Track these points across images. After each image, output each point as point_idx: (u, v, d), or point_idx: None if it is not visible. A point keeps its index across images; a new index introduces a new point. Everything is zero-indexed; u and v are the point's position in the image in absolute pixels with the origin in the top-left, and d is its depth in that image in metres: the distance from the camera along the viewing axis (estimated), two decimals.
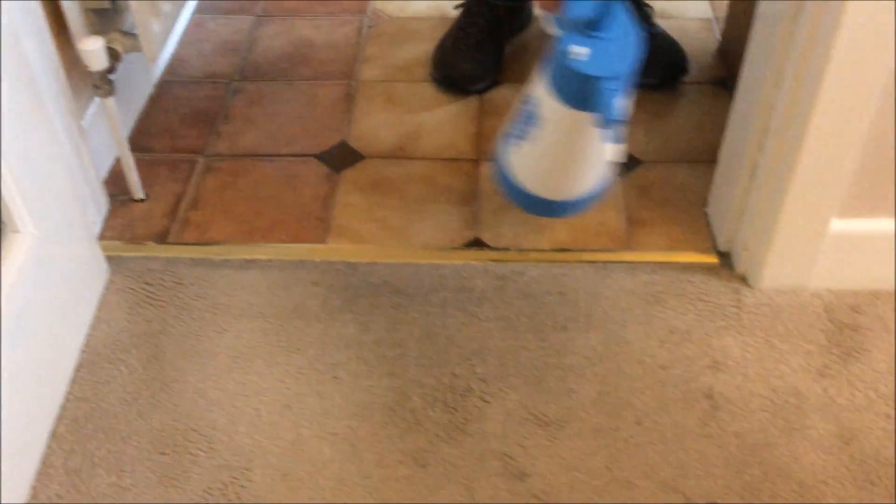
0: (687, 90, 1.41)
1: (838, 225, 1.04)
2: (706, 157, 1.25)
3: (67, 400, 1.00)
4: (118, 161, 1.29)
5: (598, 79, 0.84)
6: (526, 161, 0.99)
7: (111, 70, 1.14)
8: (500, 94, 1.41)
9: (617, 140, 0.85)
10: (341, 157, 1.32)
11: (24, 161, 0.91)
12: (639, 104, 1.39)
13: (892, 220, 1.04)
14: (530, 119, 0.95)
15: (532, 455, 0.95)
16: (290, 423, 0.98)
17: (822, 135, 0.95)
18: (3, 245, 0.91)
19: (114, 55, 1.14)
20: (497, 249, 1.17)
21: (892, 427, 0.96)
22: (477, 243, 1.18)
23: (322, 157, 1.32)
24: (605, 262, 1.15)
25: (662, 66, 1.39)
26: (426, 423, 0.98)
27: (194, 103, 1.43)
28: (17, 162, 0.90)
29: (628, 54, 0.87)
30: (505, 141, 1.02)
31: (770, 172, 1.03)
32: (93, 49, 1.08)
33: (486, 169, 1.28)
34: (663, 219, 1.20)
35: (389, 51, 1.52)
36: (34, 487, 0.92)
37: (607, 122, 0.84)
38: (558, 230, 1.19)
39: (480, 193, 1.24)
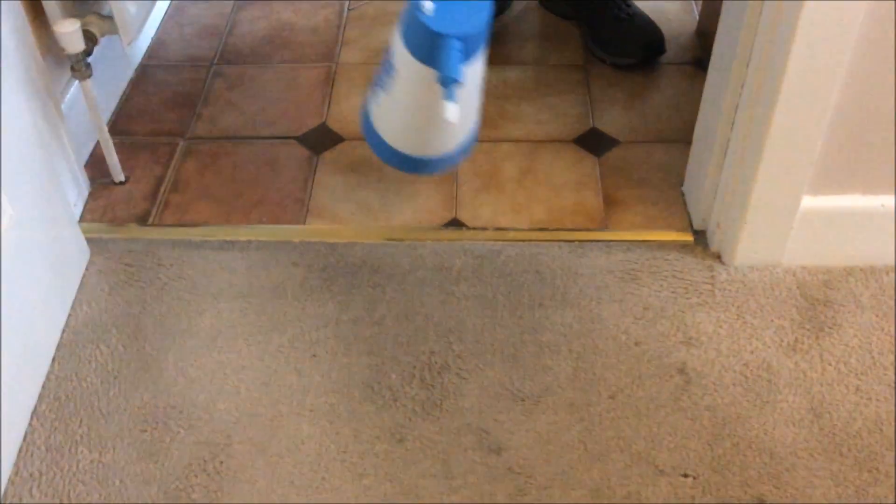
0: (665, 71, 1.43)
1: (809, 202, 1.06)
2: (683, 137, 1.27)
3: (49, 379, 1.01)
4: (99, 144, 1.29)
5: (442, 35, 0.84)
6: (384, 113, 0.99)
7: (88, 53, 1.14)
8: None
9: (456, 99, 0.84)
10: (321, 140, 1.33)
11: (3, 140, 0.92)
12: (616, 84, 1.41)
13: (862, 196, 1.05)
14: (387, 68, 0.95)
15: (508, 430, 0.96)
16: (270, 400, 0.99)
17: (790, 112, 0.96)
18: None
19: (90, 38, 1.15)
20: (475, 229, 1.18)
21: (862, 400, 0.98)
22: (455, 223, 1.19)
23: (302, 140, 1.33)
24: (581, 241, 1.16)
25: (640, 46, 1.40)
26: (403, 400, 0.99)
27: (175, 86, 1.43)
28: None
29: (478, 15, 0.87)
30: (370, 91, 1.02)
31: (741, 150, 1.04)
32: (69, 31, 1.09)
33: None
34: (640, 198, 1.21)
35: (370, 33, 1.52)
36: (17, 465, 0.93)
37: (447, 81, 0.84)
38: (536, 210, 1.20)
39: (459, 175, 1.25)
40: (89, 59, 1.15)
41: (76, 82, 1.24)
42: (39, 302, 1.02)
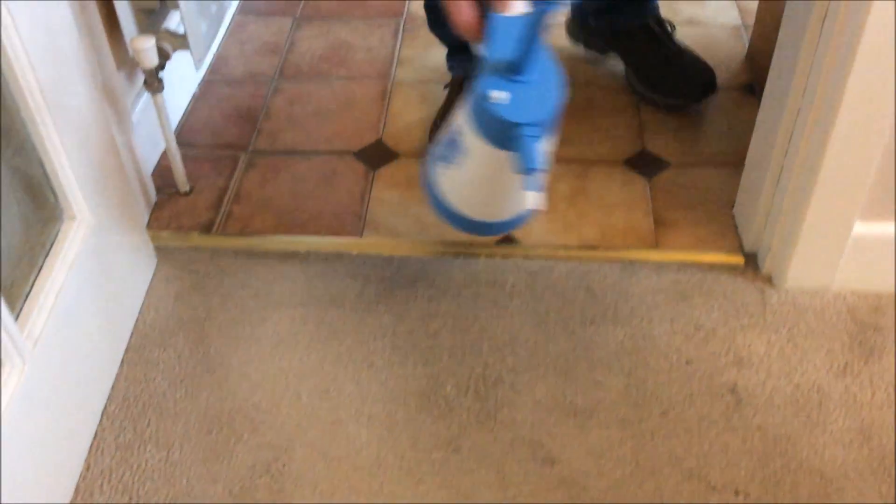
0: (717, 96, 1.45)
1: (861, 228, 1.07)
2: (733, 160, 1.29)
3: (118, 380, 1.05)
4: (164, 156, 1.34)
5: (517, 125, 0.81)
6: (450, 183, 0.97)
7: (161, 67, 1.19)
8: None
9: (537, 187, 0.80)
10: (377, 155, 1.36)
11: (80, 151, 0.97)
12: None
13: None
14: (454, 146, 0.93)
15: (561, 442, 0.98)
16: (329, 407, 1.02)
17: (846, 139, 0.98)
18: (61, 230, 0.96)
19: (163, 54, 1.20)
20: (527, 246, 1.21)
21: None
22: (508, 240, 1.22)
23: (358, 155, 1.37)
24: (631, 261, 1.18)
25: (695, 86, 1.38)
26: (458, 410, 1.02)
27: (236, 102, 1.48)
28: (74, 151, 0.95)
29: (550, 99, 0.83)
30: (431, 159, 1.00)
31: (795, 176, 1.06)
32: (145, 48, 1.14)
33: None
34: (690, 220, 1.24)
35: (423, 53, 1.56)
36: (87, 461, 0.98)
37: (527, 170, 0.80)
38: (587, 229, 1.23)
39: None
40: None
41: (143, 96, 1.29)
42: (110, 305, 1.06)
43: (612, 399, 1.02)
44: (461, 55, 1.37)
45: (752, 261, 1.17)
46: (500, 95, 0.80)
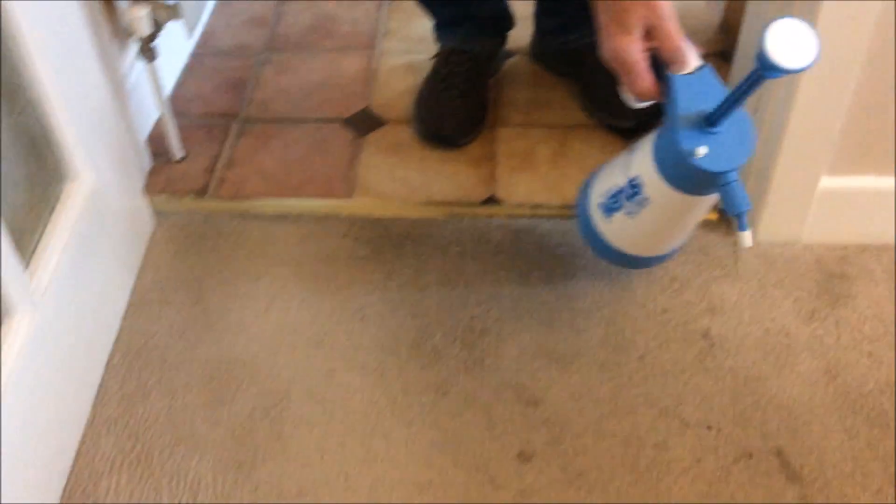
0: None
1: (828, 182, 1.13)
2: None
3: (120, 334, 1.10)
4: (157, 125, 1.38)
5: (723, 173, 0.85)
6: (624, 230, 1.00)
7: (153, 37, 1.23)
8: (511, 66, 1.50)
9: (748, 227, 0.85)
10: (365, 122, 1.41)
11: (80, 114, 1.01)
12: None
13: (877, 177, 1.12)
14: (631, 198, 0.96)
15: (543, 386, 1.04)
16: (324, 356, 1.07)
17: (810, 97, 1.03)
18: (64, 189, 1.01)
19: (156, 23, 1.23)
20: (511, 206, 1.26)
21: (874, 364, 1.05)
22: (493, 200, 1.27)
23: (347, 122, 1.41)
24: None
25: (639, 112, 1.37)
26: (447, 358, 1.07)
27: (226, 73, 1.52)
28: (75, 114, 0.99)
29: (745, 142, 0.88)
30: (595, 211, 1.02)
31: (763, 135, 1.11)
32: (140, 16, 1.17)
33: (501, 133, 1.37)
34: None
35: (408, 25, 1.60)
36: (93, 410, 1.02)
37: (740, 213, 0.84)
38: (568, 188, 1.28)
39: (496, 155, 1.33)
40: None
41: (135, 66, 1.33)
42: (112, 262, 1.10)
43: (591, 345, 1.08)
44: (449, 27, 1.41)
45: (725, 217, 1.23)
46: (703, 150, 0.84)
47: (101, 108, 1.07)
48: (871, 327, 1.09)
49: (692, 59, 0.90)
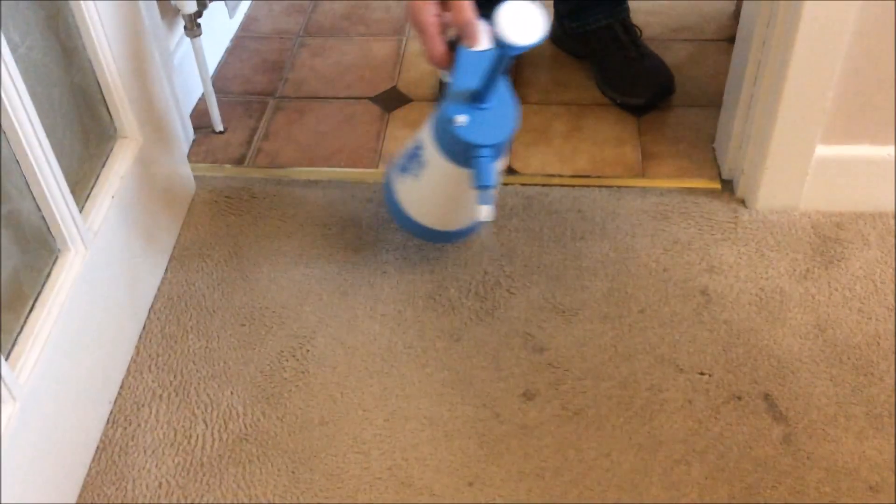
0: (703, 46, 1.57)
1: (823, 150, 1.19)
2: (717, 102, 1.41)
3: (163, 283, 1.20)
4: (200, 101, 1.49)
5: (476, 146, 0.92)
6: (410, 193, 1.08)
7: (199, 14, 1.34)
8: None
9: (489, 201, 0.93)
10: (392, 100, 1.51)
11: (130, 81, 1.11)
12: (660, 55, 1.56)
13: (871, 146, 1.19)
14: (416, 159, 1.04)
15: (549, 334, 1.12)
16: (347, 305, 1.16)
17: (803, 69, 1.10)
18: (115, 146, 1.11)
19: (201, 2, 1.34)
20: (525, 175, 1.34)
21: (863, 319, 1.11)
22: (509, 170, 1.36)
23: (375, 100, 1.51)
24: (619, 187, 1.31)
25: (649, 87, 1.43)
26: (460, 309, 1.16)
27: (265, 55, 1.62)
28: (126, 81, 1.10)
29: (506, 123, 0.95)
30: (393, 170, 1.11)
31: (761, 108, 1.18)
32: None
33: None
34: (674, 153, 1.36)
35: None
36: (137, 348, 1.12)
37: (482, 187, 0.92)
38: (580, 160, 1.36)
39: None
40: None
41: (182, 45, 1.44)
42: (156, 220, 1.21)
43: (596, 300, 1.16)
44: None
45: (728, 186, 1.30)
46: (462, 119, 0.93)
47: (149, 78, 1.18)
48: (863, 286, 1.15)
49: (483, 37, 0.95)
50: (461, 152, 0.95)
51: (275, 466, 0.99)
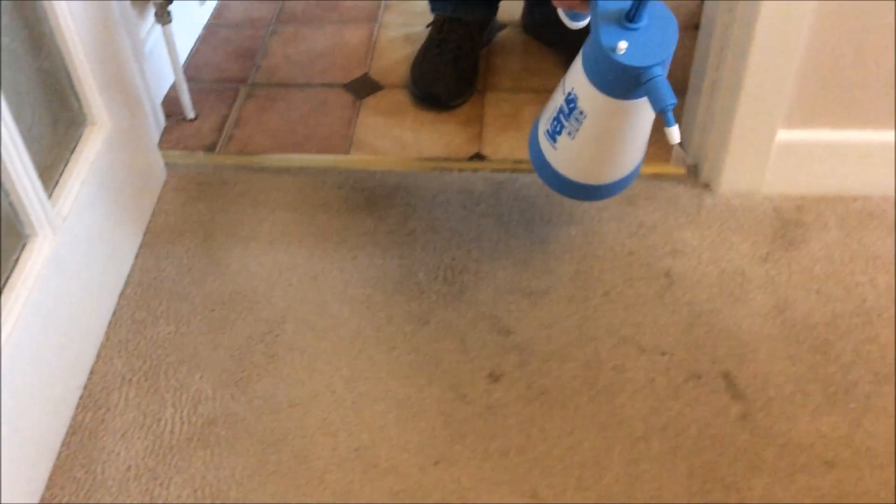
0: None
1: (785, 135, 1.22)
2: (683, 88, 1.43)
3: (133, 269, 1.21)
4: (172, 88, 1.50)
5: (647, 68, 0.84)
6: (569, 154, 1.00)
7: (169, 2, 1.34)
8: (503, 37, 1.60)
9: (674, 121, 0.85)
10: (364, 87, 1.52)
11: (100, 67, 1.12)
12: None
13: (831, 130, 1.21)
14: (570, 115, 0.95)
15: (516, 317, 1.14)
16: (317, 290, 1.18)
17: (763, 53, 1.12)
18: (84, 132, 1.12)
19: None
20: (495, 161, 1.36)
21: (821, 300, 1.13)
22: (478, 156, 1.37)
23: (347, 87, 1.52)
24: None
25: None
26: (429, 293, 1.17)
27: (237, 42, 1.63)
28: (95, 64, 1.10)
29: (667, 35, 0.87)
30: (542, 139, 1.03)
31: (724, 90, 1.20)
32: None
33: (490, 97, 1.47)
34: None
35: None
36: (107, 333, 1.13)
37: (666, 107, 0.84)
38: None
39: (484, 116, 1.43)
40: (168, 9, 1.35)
41: (153, 33, 1.44)
42: (127, 204, 1.22)
43: (562, 283, 1.18)
44: None
45: (693, 171, 1.32)
46: (623, 46, 0.84)
47: (119, 65, 1.18)
48: (822, 268, 1.17)
49: None
50: (631, 81, 0.86)
51: (243, 448, 1.01)
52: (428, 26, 1.54)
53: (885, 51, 1.13)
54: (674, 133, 0.85)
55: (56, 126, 1.06)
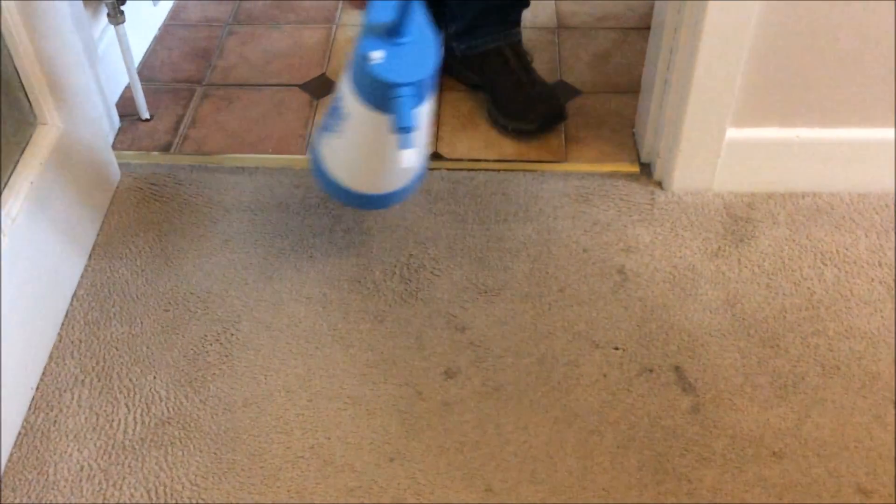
0: (627, 34, 1.61)
1: (734, 133, 1.24)
2: (637, 88, 1.45)
3: (86, 270, 1.20)
4: (127, 89, 1.48)
5: (393, 85, 0.83)
6: (335, 154, 0.99)
7: (122, 2, 1.33)
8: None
9: (413, 145, 0.83)
10: (321, 87, 1.52)
11: (51, 67, 1.11)
12: (582, 45, 1.59)
13: (779, 128, 1.23)
14: (337, 113, 0.95)
15: (472, 314, 1.14)
16: (273, 290, 1.18)
17: (711, 54, 1.14)
18: (35, 132, 1.11)
19: None
20: (451, 160, 1.37)
21: (771, 294, 1.16)
22: (435, 156, 1.38)
23: (304, 87, 1.52)
24: (543, 171, 1.34)
25: (541, 114, 1.39)
26: (385, 291, 1.18)
27: (193, 43, 1.62)
28: (47, 64, 1.09)
29: (427, 60, 0.86)
30: (318, 133, 1.02)
31: (675, 90, 1.22)
32: None
33: (448, 97, 1.48)
34: (596, 137, 1.40)
35: None
36: (60, 334, 1.12)
37: (402, 129, 0.83)
38: (505, 146, 1.39)
39: (442, 116, 1.44)
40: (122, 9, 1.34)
41: (107, 34, 1.43)
42: (78, 205, 1.20)
43: (517, 280, 1.19)
44: None
45: (646, 169, 1.34)
46: (377, 56, 0.83)
47: (70, 65, 1.17)
48: (771, 263, 1.20)
49: None
50: (379, 93, 0.86)
51: (197, 448, 1.00)
52: None
53: (829, 50, 1.15)
54: (404, 157, 0.83)
55: (5, 127, 1.05)
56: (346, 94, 0.93)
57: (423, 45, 0.87)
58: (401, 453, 1.00)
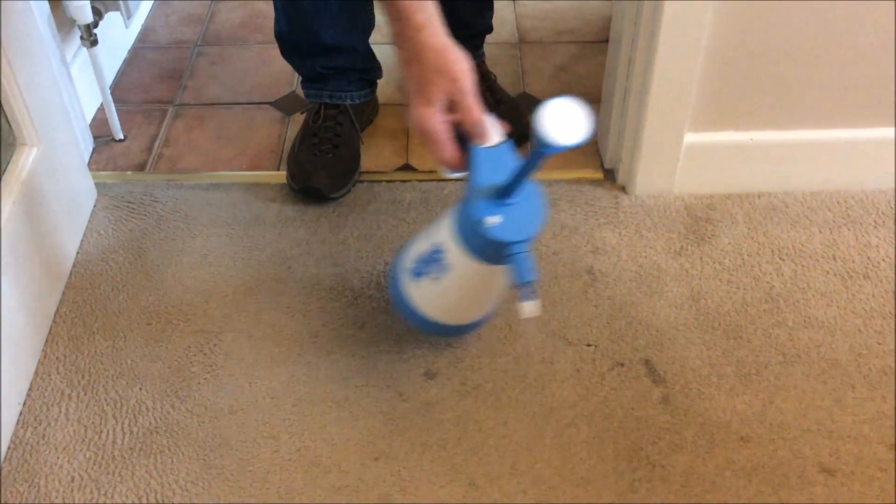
0: (587, 47, 1.68)
1: (692, 138, 1.30)
2: (599, 97, 1.51)
3: (67, 287, 1.22)
4: (100, 110, 1.51)
5: (512, 244, 0.88)
6: (429, 297, 1.02)
7: (95, 25, 1.36)
8: None
9: (533, 297, 0.86)
10: (291, 104, 1.55)
11: (30, 88, 1.13)
12: (545, 57, 1.65)
13: (735, 132, 1.30)
14: (436, 262, 0.98)
15: None
16: (253, 301, 1.20)
17: (668, 62, 1.20)
18: (16, 153, 1.13)
19: (97, 12, 1.37)
20: (422, 172, 1.41)
21: (732, 289, 1.21)
22: (406, 167, 1.42)
23: (275, 104, 1.55)
24: None
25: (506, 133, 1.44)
26: (363, 299, 1.21)
27: (164, 64, 1.65)
28: (26, 87, 1.11)
29: (536, 213, 0.92)
30: (405, 274, 1.04)
31: (634, 98, 1.28)
32: (81, 4, 1.30)
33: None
34: None
35: None
36: (44, 350, 1.14)
37: (525, 284, 0.86)
38: None
39: (410, 129, 1.49)
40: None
41: (79, 56, 1.45)
42: (58, 226, 1.22)
43: None
44: (316, 83, 1.39)
45: (610, 175, 1.40)
46: (493, 220, 0.88)
47: (46, 87, 1.20)
48: (731, 260, 1.25)
49: (493, 133, 0.94)
50: (495, 252, 0.91)
51: (186, 455, 1.03)
52: (303, 112, 1.46)
53: (781, 55, 1.22)
54: (527, 308, 0.87)
55: None
56: (452, 248, 0.96)
57: (529, 200, 0.92)
58: (385, 452, 1.03)
